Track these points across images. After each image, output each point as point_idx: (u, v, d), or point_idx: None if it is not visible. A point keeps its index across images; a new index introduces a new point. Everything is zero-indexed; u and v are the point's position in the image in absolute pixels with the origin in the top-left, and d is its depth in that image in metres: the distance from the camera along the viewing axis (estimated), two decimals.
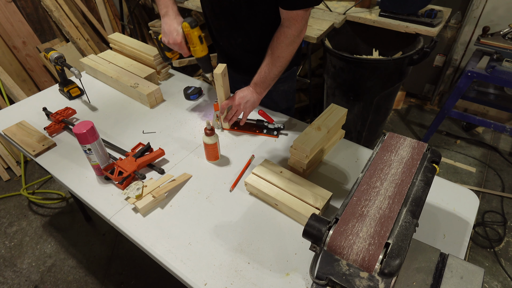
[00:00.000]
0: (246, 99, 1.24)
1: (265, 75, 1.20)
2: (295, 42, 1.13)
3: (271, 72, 1.18)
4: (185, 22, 1.10)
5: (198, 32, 1.11)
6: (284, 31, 1.11)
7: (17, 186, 2.46)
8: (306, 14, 1.07)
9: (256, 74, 1.22)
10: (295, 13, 1.06)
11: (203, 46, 1.13)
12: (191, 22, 1.09)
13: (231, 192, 1.12)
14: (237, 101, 1.24)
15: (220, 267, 0.91)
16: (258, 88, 1.24)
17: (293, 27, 1.09)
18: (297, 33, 1.10)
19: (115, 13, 3.30)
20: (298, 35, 1.12)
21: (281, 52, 1.14)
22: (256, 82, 1.23)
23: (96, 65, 1.65)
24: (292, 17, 1.07)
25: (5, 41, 2.64)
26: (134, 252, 2.00)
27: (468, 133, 2.75)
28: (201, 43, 1.11)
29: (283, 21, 1.11)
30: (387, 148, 0.86)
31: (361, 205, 0.73)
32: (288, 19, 1.08)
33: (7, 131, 1.36)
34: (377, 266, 0.63)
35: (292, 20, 1.08)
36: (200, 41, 1.10)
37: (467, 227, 1.00)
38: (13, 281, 1.90)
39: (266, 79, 1.21)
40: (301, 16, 1.07)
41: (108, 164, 1.16)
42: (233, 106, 1.26)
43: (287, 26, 1.10)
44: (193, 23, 1.08)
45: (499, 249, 1.96)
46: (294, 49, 1.15)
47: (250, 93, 1.24)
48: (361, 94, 2.15)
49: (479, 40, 2.06)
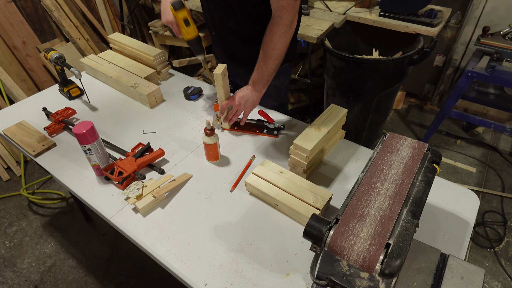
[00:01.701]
0: (246, 98, 1.24)
1: (261, 71, 1.20)
2: (288, 33, 1.13)
3: (267, 67, 1.18)
4: (170, 4, 1.10)
5: (183, 15, 1.09)
6: (275, 22, 1.12)
7: (17, 186, 2.46)
8: (296, 3, 1.08)
9: (253, 72, 1.22)
10: (285, 2, 1.06)
11: (190, 29, 1.10)
12: (174, 4, 1.08)
13: (231, 192, 1.12)
14: (237, 100, 1.24)
15: (220, 267, 0.91)
16: (257, 85, 1.24)
17: (284, 17, 1.09)
18: (288, 22, 1.11)
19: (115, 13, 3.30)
20: (290, 25, 1.12)
21: (275, 44, 1.14)
22: (254, 80, 1.23)
23: (96, 65, 1.65)
24: (283, 5, 1.07)
25: (5, 41, 2.63)
26: (134, 252, 2.00)
27: (468, 133, 2.75)
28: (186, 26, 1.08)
29: (274, 12, 1.12)
30: (388, 148, 0.86)
31: (362, 206, 0.73)
32: (278, 9, 1.09)
33: (7, 131, 1.36)
34: (377, 267, 0.62)
35: (283, 9, 1.08)
36: (186, 23, 1.08)
37: (468, 227, 1.00)
38: (13, 281, 1.90)
39: (264, 75, 1.21)
40: (291, 5, 1.07)
41: (108, 164, 1.16)
42: (233, 106, 1.26)
43: (278, 16, 1.10)
44: (177, 5, 1.07)
45: (499, 249, 1.96)
46: (287, 40, 1.15)
47: (249, 92, 1.24)
48: (361, 94, 2.15)
49: (479, 40, 2.06)
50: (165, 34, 2.96)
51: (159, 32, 2.94)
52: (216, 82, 1.20)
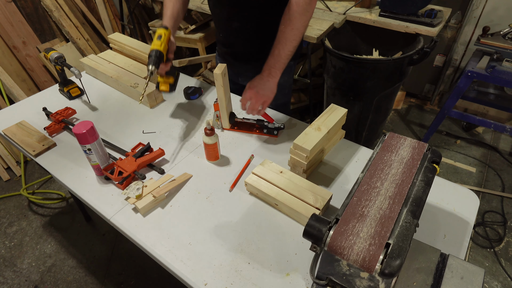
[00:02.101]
0: (262, 85, 1.21)
1: (279, 54, 1.17)
2: (308, 11, 1.12)
3: (285, 49, 1.16)
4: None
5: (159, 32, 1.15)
6: (295, 1, 1.10)
7: (17, 186, 2.46)
8: None
9: (269, 57, 1.20)
10: None
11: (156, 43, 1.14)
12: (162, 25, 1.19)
13: (231, 192, 1.12)
14: (254, 90, 1.20)
15: (220, 267, 0.91)
16: (273, 69, 1.20)
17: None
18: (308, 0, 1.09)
19: (115, 13, 3.30)
20: (309, 3, 1.10)
21: (294, 24, 1.12)
22: (270, 65, 1.19)
23: (96, 65, 1.65)
24: None
25: (5, 41, 2.63)
26: (134, 252, 2.00)
27: (468, 133, 2.75)
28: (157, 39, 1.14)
29: None
30: (388, 148, 0.86)
31: (362, 205, 0.73)
32: None
33: (7, 131, 1.36)
34: (377, 267, 0.62)
35: None
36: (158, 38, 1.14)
37: (467, 227, 1.00)
38: (13, 281, 1.90)
39: (281, 58, 1.18)
40: None
41: (108, 164, 1.16)
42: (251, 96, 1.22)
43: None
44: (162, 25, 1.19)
45: (499, 249, 1.96)
46: (307, 20, 1.14)
47: (265, 78, 1.21)
48: (361, 94, 2.15)
49: (479, 40, 2.06)
50: None
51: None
52: (216, 82, 1.20)
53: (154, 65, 1.09)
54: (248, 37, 1.36)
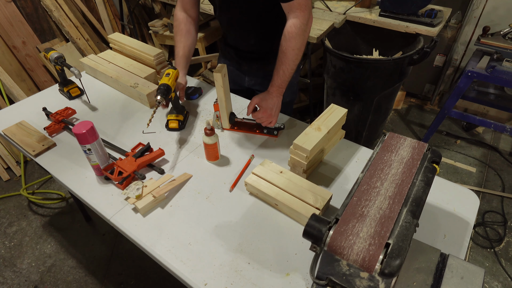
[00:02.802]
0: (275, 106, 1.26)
1: (283, 74, 1.21)
2: (305, 31, 1.15)
3: (288, 68, 1.20)
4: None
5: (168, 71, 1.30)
6: (292, 23, 1.13)
7: (17, 186, 2.46)
8: (307, 1, 1.10)
9: (274, 76, 1.23)
10: (297, 2, 1.08)
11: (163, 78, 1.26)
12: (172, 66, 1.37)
13: (231, 192, 1.12)
14: (268, 112, 1.24)
15: (220, 267, 0.91)
16: (280, 89, 1.25)
17: (300, 17, 1.11)
18: (305, 21, 1.12)
19: (115, 13, 3.30)
20: (306, 23, 1.13)
21: (295, 44, 1.15)
22: (277, 84, 1.24)
23: (96, 65, 1.65)
24: (295, 6, 1.09)
25: (5, 41, 2.63)
26: (134, 252, 2.00)
27: (468, 133, 2.75)
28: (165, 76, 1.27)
29: (288, 15, 1.13)
30: (387, 148, 0.86)
31: (361, 205, 0.73)
32: (292, 11, 1.11)
33: (7, 131, 1.36)
34: (377, 267, 0.62)
35: (296, 10, 1.10)
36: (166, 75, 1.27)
37: (468, 227, 1.00)
38: (12, 281, 1.90)
39: (285, 77, 1.22)
40: (304, 4, 1.09)
41: (108, 164, 1.16)
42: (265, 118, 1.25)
43: (293, 17, 1.12)
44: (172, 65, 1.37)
45: (499, 249, 1.96)
46: (305, 39, 1.17)
47: (276, 99, 1.25)
48: (361, 94, 2.15)
49: (479, 40, 2.06)
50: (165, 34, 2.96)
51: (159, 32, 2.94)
52: (216, 82, 1.20)
53: (162, 96, 1.20)
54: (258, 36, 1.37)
